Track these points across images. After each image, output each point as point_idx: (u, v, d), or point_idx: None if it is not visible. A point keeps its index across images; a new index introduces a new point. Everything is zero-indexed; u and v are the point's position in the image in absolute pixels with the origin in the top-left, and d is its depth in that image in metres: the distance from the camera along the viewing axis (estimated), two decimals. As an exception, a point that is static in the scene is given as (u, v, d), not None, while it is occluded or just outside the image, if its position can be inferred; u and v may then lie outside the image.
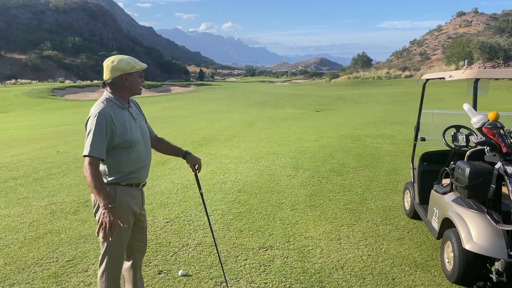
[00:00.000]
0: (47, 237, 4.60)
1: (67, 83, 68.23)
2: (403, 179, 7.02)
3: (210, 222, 3.47)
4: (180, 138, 12.42)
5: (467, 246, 3.26)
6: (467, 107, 3.84)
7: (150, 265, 3.89)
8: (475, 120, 3.62)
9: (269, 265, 3.88)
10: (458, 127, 4.61)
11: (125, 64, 2.67)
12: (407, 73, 65.49)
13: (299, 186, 6.70)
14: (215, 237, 3.41)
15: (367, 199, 5.97)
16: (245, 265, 3.89)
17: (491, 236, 3.22)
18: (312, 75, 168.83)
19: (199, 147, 10.67)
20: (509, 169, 3.13)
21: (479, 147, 3.95)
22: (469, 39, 60.33)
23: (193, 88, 66.60)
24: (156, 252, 4.18)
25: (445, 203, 3.89)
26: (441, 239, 3.93)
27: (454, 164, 3.96)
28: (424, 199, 4.72)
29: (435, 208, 4.18)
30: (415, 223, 5.00)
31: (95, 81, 63.97)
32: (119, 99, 2.71)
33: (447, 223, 3.79)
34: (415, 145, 5.38)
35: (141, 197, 2.87)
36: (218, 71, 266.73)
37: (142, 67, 2.76)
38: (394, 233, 4.70)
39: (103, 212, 2.49)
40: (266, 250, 4.23)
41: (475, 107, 4.55)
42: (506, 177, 3.15)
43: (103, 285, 2.75)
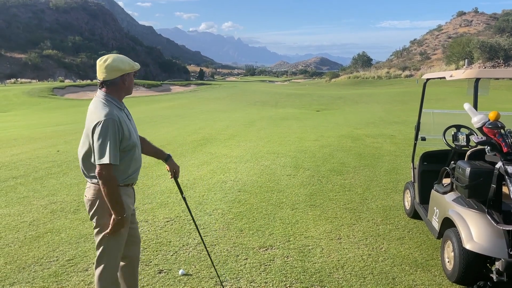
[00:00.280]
0: (47, 236, 4.60)
1: (67, 82, 68.25)
2: (403, 179, 7.01)
3: (195, 223, 3.42)
4: (180, 137, 12.42)
5: (468, 245, 3.26)
6: (467, 106, 3.84)
7: (150, 264, 3.89)
8: (476, 119, 3.62)
9: (270, 265, 3.88)
10: (458, 127, 4.61)
11: (126, 64, 2.64)
12: (407, 72, 65.53)
13: (299, 185, 6.70)
14: (203, 237, 3.33)
15: (367, 199, 5.97)
16: (245, 264, 3.89)
17: (492, 236, 3.22)
18: (312, 75, 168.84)
19: (199, 146, 10.67)
20: (510, 169, 3.13)
21: (479, 147, 3.95)
22: (469, 38, 60.37)
23: (193, 87, 66.63)
24: (156, 251, 4.18)
25: (446, 202, 3.89)
26: (441, 238, 3.93)
27: (454, 163, 3.96)
28: (424, 199, 4.72)
29: (435, 207, 4.18)
30: (415, 222, 5.00)
31: (95, 80, 63.50)
32: (117, 100, 2.67)
33: (447, 223, 3.79)
34: (415, 144, 5.38)
35: (134, 195, 2.88)
36: (218, 70, 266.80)
37: (138, 67, 2.76)
38: (394, 232, 4.70)
39: (117, 221, 2.57)
40: (266, 249, 4.23)
41: (475, 106, 4.56)
42: (506, 177, 3.15)
43: (102, 285, 2.74)
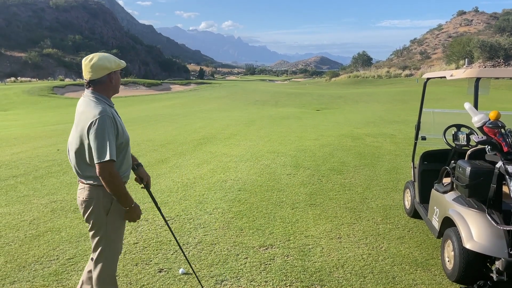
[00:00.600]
0: (48, 235, 4.60)
1: (67, 81, 68.20)
2: (403, 178, 7.02)
3: (170, 227, 3.30)
4: (180, 136, 12.43)
5: (468, 245, 3.27)
6: (468, 106, 3.84)
7: (150, 263, 3.89)
8: (476, 119, 3.62)
9: (270, 264, 3.88)
10: (458, 126, 4.61)
11: (112, 62, 2.63)
12: (407, 72, 65.50)
13: (299, 184, 6.70)
14: (177, 240, 3.24)
15: (368, 198, 5.97)
16: (245, 263, 3.89)
17: (492, 235, 3.22)
18: (312, 74, 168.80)
19: (199, 145, 10.67)
20: (510, 169, 3.13)
21: (480, 146, 3.95)
22: (470, 38, 60.36)
23: (193, 86, 66.60)
24: (156, 250, 4.18)
25: (446, 202, 3.89)
26: (441, 238, 3.93)
27: (454, 163, 3.96)
28: (424, 198, 4.72)
29: (435, 207, 4.18)
30: (416, 222, 5.01)
31: (95, 80, 63.76)
32: (106, 98, 2.66)
33: (447, 222, 3.79)
34: (415, 144, 5.38)
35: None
36: (218, 69, 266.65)
37: (124, 64, 2.75)
38: (394, 232, 4.71)
39: (130, 209, 2.64)
40: (266, 248, 4.24)
41: (476, 106, 4.56)
42: (507, 177, 3.15)
43: (102, 286, 2.73)
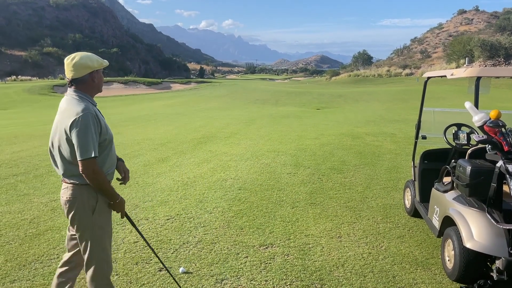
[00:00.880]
0: (48, 234, 4.60)
1: (68, 79, 68.04)
2: (403, 177, 7.01)
3: (141, 234, 3.09)
4: (180, 135, 12.42)
5: (468, 244, 3.26)
6: (468, 105, 3.83)
7: (150, 262, 3.89)
8: (477, 118, 3.62)
9: (270, 263, 3.88)
10: (459, 125, 4.61)
11: (94, 61, 2.63)
12: (407, 71, 65.42)
13: (299, 184, 6.70)
14: (142, 234, 3.14)
15: (368, 197, 5.97)
16: (245, 262, 3.89)
17: (492, 234, 3.21)
18: (312, 73, 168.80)
19: (200, 144, 10.67)
20: (511, 168, 3.12)
21: (480, 146, 3.94)
22: (470, 37, 60.28)
23: (193, 85, 66.53)
24: (156, 249, 4.17)
25: (446, 201, 3.89)
26: (441, 237, 3.93)
27: (455, 162, 3.96)
28: (424, 197, 4.72)
29: (435, 206, 4.18)
30: (416, 221, 5.00)
31: (95, 78, 63.76)
32: (89, 96, 2.67)
33: (447, 221, 3.79)
34: (416, 143, 5.37)
35: None
36: (218, 68, 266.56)
37: (106, 64, 2.75)
38: (394, 231, 4.70)
39: (116, 203, 2.65)
40: (266, 247, 4.23)
41: (476, 105, 4.55)
42: (507, 176, 3.14)
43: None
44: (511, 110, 5.05)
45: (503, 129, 3.44)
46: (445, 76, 4.30)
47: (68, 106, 2.57)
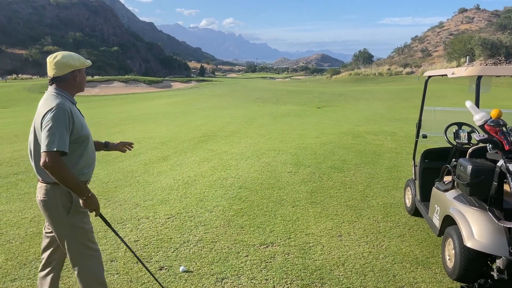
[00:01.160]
0: (49, 232, 4.60)
1: (68, 78, 68.02)
2: (404, 176, 7.01)
3: (117, 233, 2.99)
4: (181, 134, 12.42)
5: (469, 243, 3.26)
6: (469, 104, 3.83)
7: (151, 261, 3.90)
8: (478, 117, 3.61)
9: (270, 262, 3.88)
10: (460, 125, 4.60)
11: (76, 60, 2.64)
12: (408, 69, 65.32)
13: (300, 182, 6.70)
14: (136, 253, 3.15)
15: (368, 196, 5.97)
16: (246, 261, 3.89)
17: (493, 233, 3.21)
18: (313, 72, 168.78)
19: (200, 143, 10.67)
20: (511, 167, 3.12)
21: (481, 145, 3.94)
22: (471, 36, 60.17)
23: (194, 84, 66.47)
24: (157, 248, 4.18)
25: (447, 200, 3.89)
26: (442, 236, 3.93)
27: (456, 161, 3.96)
28: (425, 196, 4.72)
29: (436, 205, 4.18)
30: (416, 220, 5.00)
31: (96, 77, 63.86)
32: (69, 95, 2.67)
33: (448, 221, 3.79)
34: (416, 142, 5.37)
35: None
36: (219, 67, 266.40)
37: (89, 63, 2.76)
38: (395, 230, 4.70)
39: (86, 199, 2.54)
40: (267, 246, 4.24)
41: (477, 104, 4.54)
42: (508, 175, 3.14)
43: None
44: (511, 109, 5.05)
45: (504, 128, 3.44)
46: (446, 75, 4.29)
47: (44, 102, 2.57)
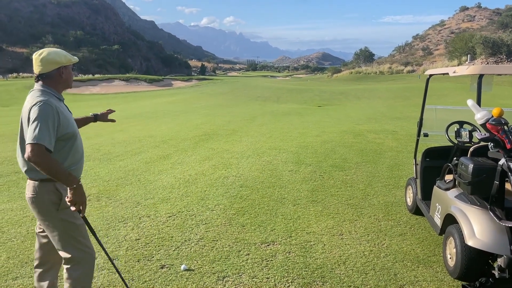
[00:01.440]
0: (50, 231, 4.60)
1: (69, 77, 68.03)
2: (405, 175, 7.01)
3: (105, 249, 3.03)
4: (182, 132, 12.43)
5: (470, 242, 3.26)
6: (471, 103, 3.82)
7: (152, 259, 3.90)
8: (479, 116, 3.60)
9: (271, 260, 3.89)
10: (461, 123, 4.60)
11: (62, 57, 2.63)
12: (409, 68, 65.24)
13: (301, 181, 6.70)
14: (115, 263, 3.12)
15: (369, 195, 5.97)
16: (247, 260, 3.90)
17: (494, 232, 3.21)
18: (314, 70, 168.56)
19: (201, 141, 10.67)
20: (513, 166, 3.12)
21: (482, 143, 3.93)
22: (472, 34, 60.11)
23: (194, 82, 66.46)
24: (158, 246, 4.19)
25: (448, 199, 3.89)
26: (443, 235, 3.93)
27: (457, 160, 3.95)
28: (426, 195, 4.71)
29: (437, 204, 4.18)
30: (417, 218, 5.00)
31: (96, 75, 63.93)
32: (55, 91, 2.66)
33: (449, 219, 3.79)
34: (417, 140, 5.37)
35: None
36: (219, 65, 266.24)
37: (76, 60, 2.74)
38: (396, 228, 4.70)
39: (72, 191, 2.49)
40: (268, 245, 4.24)
41: (479, 103, 4.53)
42: (509, 174, 3.14)
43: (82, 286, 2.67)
44: (513, 107, 5.04)
45: (506, 127, 3.43)
46: (448, 73, 4.29)
47: (29, 99, 2.56)
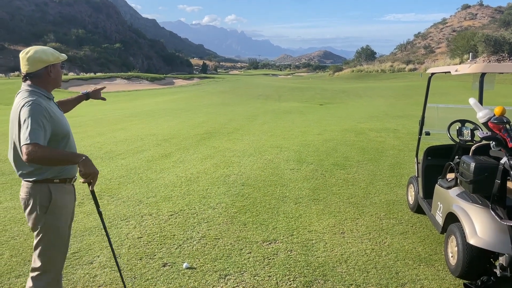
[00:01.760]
0: (52, 229, 4.62)
1: (71, 75, 68.22)
2: (407, 173, 7.00)
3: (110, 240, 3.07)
4: (183, 131, 12.44)
5: (471, 240, 3.26)
6: (473, 101, 3.82)
7: (154, 257, 3.92)
8: (481, 114, 3.60)
9: (273, 259, 3.90)
10: (463, 122, 4.59)
11: (49, 55, 2.57)
12: (411, 66, 65.19)
13: (302, 179, 6.70)
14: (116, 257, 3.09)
15: (371, 193, 5.97)
16: (249, 258, 3.91)
17: (496, 231, 3.21)
18: (315, 68, 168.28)
19: (203, 140, 10.68)
20: (515, 164, 3.11)
21: (484, 142, 3.93)
22: (474, 32, 59.96)
23: (196, 81, 66.51)
24: (160, 244, 4.20)
25: (450, 197, 3.89)
26: (445, 233, 3.94)
27: (459, 158, 3.95)
28: (428, 194, 4.71)
29: (439, 202, 4.18)
30: (419, 217, 5.00)
31: (98, 74, 64.04)
32: (44, 91, 2.60)
33: (451, 218, 3.79)
34: (419, 139, 5.36)
35: (74, 193, 2.77)
36: (221, 64, 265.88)
37: (64, 57, 2.69)
38: (397, 227, 4.71)
39: (82, 163, 2.44)
40: (270, 243, 4.25)
41: (480, 101, 4.53)
42: (511, 172, 3.14)
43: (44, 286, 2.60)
44: (515, 106, 5.02)
45: (508, 126, 3.43)
46: (449, 72, 4.28)
47: (18, 100, 2.50)
